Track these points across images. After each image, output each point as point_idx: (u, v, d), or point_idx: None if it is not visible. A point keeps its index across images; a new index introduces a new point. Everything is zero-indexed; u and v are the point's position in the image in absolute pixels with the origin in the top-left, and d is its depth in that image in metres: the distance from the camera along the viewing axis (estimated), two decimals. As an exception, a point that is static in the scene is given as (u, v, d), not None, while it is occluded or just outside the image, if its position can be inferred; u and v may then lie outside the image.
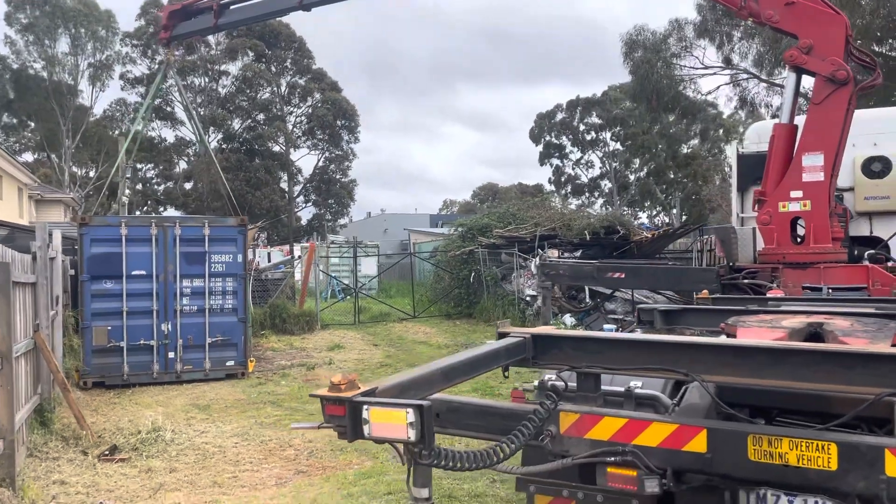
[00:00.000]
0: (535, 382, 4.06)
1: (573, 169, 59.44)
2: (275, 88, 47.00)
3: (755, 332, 4.14)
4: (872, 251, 8.51)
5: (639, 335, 3.71)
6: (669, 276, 9.08)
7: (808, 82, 8.28)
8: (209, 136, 48.91)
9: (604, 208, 55.83)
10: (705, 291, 7.47)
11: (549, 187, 61.95)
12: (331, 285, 26.65)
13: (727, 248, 8.38)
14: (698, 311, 5.76)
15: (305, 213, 49.90)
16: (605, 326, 15.45)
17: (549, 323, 8.38)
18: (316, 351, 15.16)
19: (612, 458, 3.26)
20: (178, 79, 20.29)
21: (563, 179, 60.49)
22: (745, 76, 20.32)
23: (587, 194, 58.86)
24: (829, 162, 7.77)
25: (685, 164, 51.58)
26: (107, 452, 7.40)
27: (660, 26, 21.06)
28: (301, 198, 49.98)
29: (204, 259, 12.01)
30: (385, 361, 13.60)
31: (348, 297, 26.03)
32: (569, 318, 15.83)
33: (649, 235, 17.66)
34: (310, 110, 47.54)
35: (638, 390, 3.76)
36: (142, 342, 11.58)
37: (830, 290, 7.33)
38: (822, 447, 2.86)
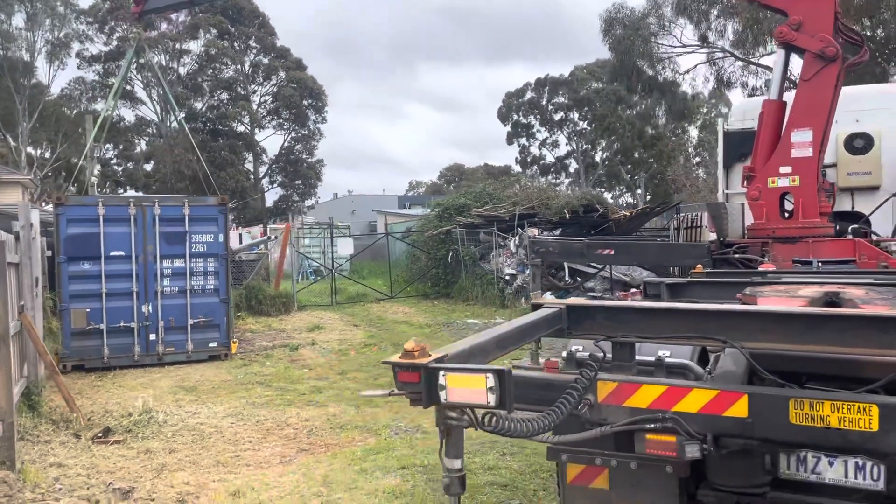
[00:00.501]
0: (564, 354, 4.08)
1: (540, 149, 59.68)
2: (238, 67, 46.07)
3: (775, 302, 4.21)
4: (855, 226, 8.69)
5: (675, 304, 3.74)
6: (659, 252, 9.18)
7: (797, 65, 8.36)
8: (172, 116, 47.92)
9: (570, 189, 56.30)
10: (699, 266, 7.57)
11: (516, 168, 62.20)
12: (303, 267, 26.42)
13: (718, 224, 8.49)
14: (703, 283, 5.83)
15: (272, 195, 49.33)
16: (585, 304, 15.60)
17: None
18: (296, 332, 15.04)
19: (652, 425, 3.30)
20: (152, 56, 19.74)
21: (528, 160, 60.72)
22: (720, 55, 20.59)
23: (554, 175, 59.18)
24: (817, 138, 7.89)
25: (651, 145, 52.17)
26: (100, 434, 7.26)
27: (638, 4, 21.19)
28: (266, 179, 49.30)
29: (184, 239, 11.79)
30: (368, 341, 13.56)
31: (320, 278, 25.87)
32: (549, 296, 15.93)
33: (627, 213, 17.85)
34: (275, 89, 46.75)
35: (668, 359, 3.81)
36: (122, 324, 11.35)
37: (820, 264, 7.48)
38: (864, 409, 2.92)
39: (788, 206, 8.24)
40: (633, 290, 17.38)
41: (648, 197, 48.93)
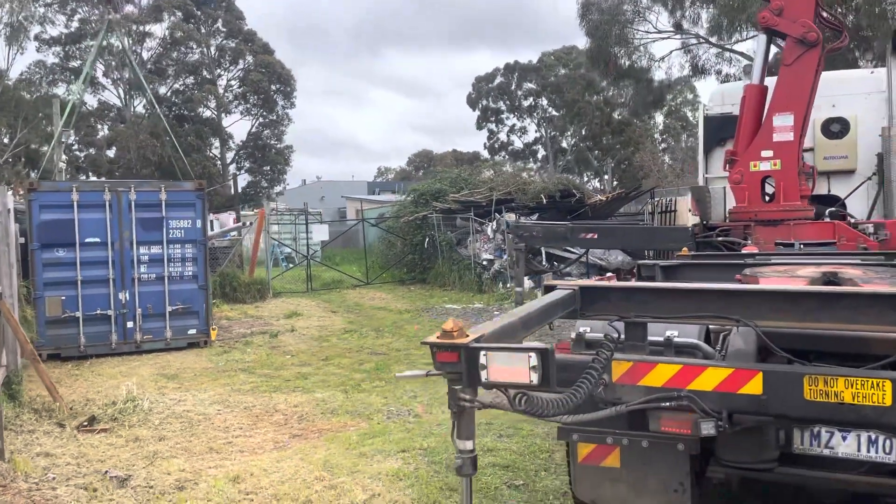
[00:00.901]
0: (573, 335, 4.11)
1: (509, 136, 59.79)
2: (204, 50, 45.28)
3: (777, 282, 4.28)
4: (833, 209, 8.87)
5: (688, 284, 3.78)
6: (642, 236, 9.28)
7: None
8: (135, 100, 46.94)
9: (538, 175, 56.47)
10: (685, 249, 7.67)
11: (485, 154, 62.26)
12: (274, 254, 26.17)
13: (702, 207, 8.60)
14: (695, 266, 5.91)
15: (240, 181, 48.67)
16: (562, 288, 15.73)
17: (522, 286, 8.48)
18: (273, 319, 14.91)
19: (668, 403, 3.34)
20: (122, 38, 19.22)
21: (497, 146, 60.84)
22: (694, 41, 20.81)
23: (522, 160, 59.35)
24: (798, 122, 8.03)
25: (619, 131, 52.64)
26: (85, 423, 7.13)
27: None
28: (234, 165, 48.66)
29: (161, 225, 11.59)
30: (349, 327, 13.51)
31: (292, 265, 25.66)
32: (526, 281, 16.02)
33: (603, 198, 17.99)
34: (242, 74, 46.06)
35: (677, 339, 3.85)
36: (98, 312, 11.14)
37: (802, 246, 7.62)
38: (878, 384, 3.00)
39: (769, 189, 8.39)
40: (608, 273, 17.65)
41: (615, 183, 49.33)
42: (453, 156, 72.84)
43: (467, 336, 2.51)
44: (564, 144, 58.12)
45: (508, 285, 16.38)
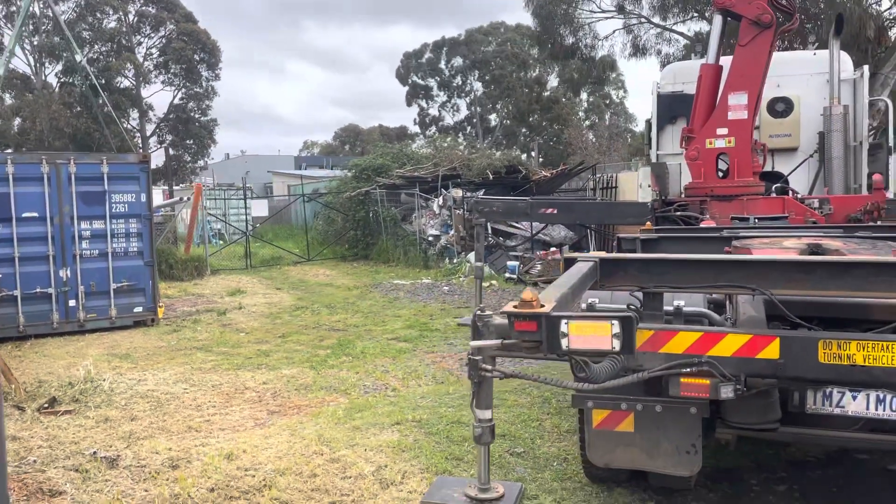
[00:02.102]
0: (583, 306, 4.22)
1: (439, 111, 59.70)
2: (122, 17, 43.13)
3: (769, 253, 4.51)
4: (779, 185, 9.33)
5: (704, 255, 3.93)
6: (601, 211, 9.52)
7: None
8: (46, 68, 44.40)
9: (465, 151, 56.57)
10: (649, 223, 7.93)
11: (414, 129, 62.01)
12: (204, 230, 25.43)
13: (661, 183, 8.89)
14: (673, 238, 6.13)
15: (160, 154, 46.83)
16: (509, 264, 15.99)
17: (481, 260, 8.58)
18: (216, 297, 14.56)
19: (688, 369, 3.50)
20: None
21: (427, 121, 60.69)
22: (636, 21, 21.21)
23: (453, 136, 59.44)
24: (752, 101, 8.38)
25: (548, 108, 53.34)
26: (46, 405, 6.83)
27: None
28: (155, 137, 46.77)
29: (104, 199, 11.10)
30: (299, 304, 13.33)
31: (221, 241, 25.02)
32: (472, 256, 16.18)
33: (547, 175, 18.27)
34: (163, 42, 44.14)
35: (686, 308, 4.02)
36: (38, 290, 10.62)
37: (757, 220, 7.99)
38: (888, 347, 3.23)
39: (723, 165, 8.73)
40: (552, 248, 17.85)
41: (541, 159, 50.02)
42: (380, 131, 72.22)
43: (544, 305, 2.56)
44: (494, 122, 58.47)
45: (455, 260, 16.49)
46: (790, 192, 9.08)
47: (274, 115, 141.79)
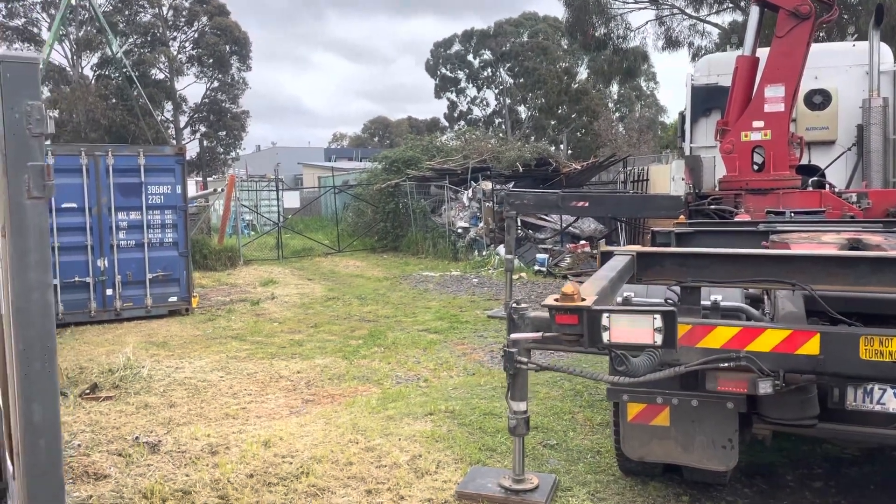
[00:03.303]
0: (619, 300, 4.22)
1: (469, 105, 59.54)
2: (157, 10, 43.68)
3: (807, 248, 4.47)
4: (815, 178, 9.19)
5: (742, 250, 3.92)
6: (633, 204, 9.46)
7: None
8: (83, 60, 45.15)
9: (495, 143, 56.24)
10: (682, 217, 7.87)
11: (443, 122, 61.94)
12: (237, 221, 25.75)
13: (695, 176, 8.80)
14: (708, 232, 6.09)
15: (194, 146, 47.42)
16: (538, 256, 15.94)
17: (512, 253, 8.59)
18: (250, 287, 14.76)
19: (726, 364, 3.49)
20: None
21: (456, 114, 60.57)
22: (668, 12, 20.94)
23: (481, 129, 59.29)
24: (789, 93, 8.25)
25: (577, 100, 52.89)
26: (88, 391, 7.02)
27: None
28: (188, 129, 47.37)
29: (140, 190, 11.31)
30: (330, 295, 13.46)
31: (252, 232, 25.30)
32: (502, 249, 16.17)
33: (578, 167, 18.18)
34: (196, 35, 44.65)
35: (723, 302, 4.00)
36: (76, 279, 10.88)
37: (793, 214, 7.88)
38: (931, 343, 3.19)
39: (758, 158, 8.63)
40: (581, 241, 17.71)
41: (570, 152, 49.69)
42: (409, 123, 72.34)
43: (585, 299, 2.58)
44: (522, 115, 58.18)
45: (484, 253, 16.50)
46: (827, 186, 8.94)
47: (302, 107, 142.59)
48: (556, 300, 2.61)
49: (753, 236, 5.53)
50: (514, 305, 3.68)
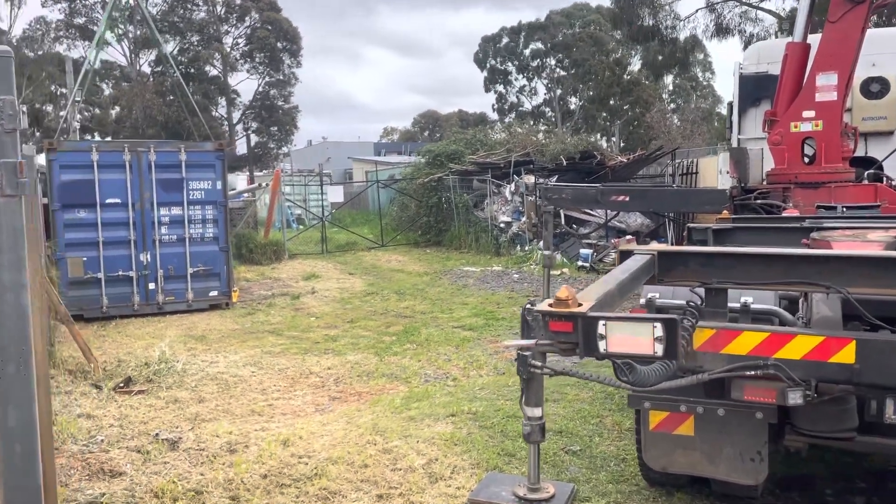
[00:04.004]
0: (642, 301, 4.00)
1: (517, 96, 59.04)
2: (210, 7, 44.51)
3: (850, 247, 4.16)
4: (872, 171, 8.71)
5: (771, 249, 3.66)
6: (675, 198, 9.12)
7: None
8: (140, 58, 46.32)
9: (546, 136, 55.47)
10: (726, 212, 7.53)
11: (492, 115, 61.56)
12: (283, 215, 26.07)
13: (740, 169, 8.44)
14: (748, 229, 5.78)
15: (244, 142, 48.17)
16: (582, 251, 15.61)
17: (550, 248, 8.36)
18: (292, 281, 14.86)
19: (752, 372, 3.24)
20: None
21: (506, 107, 60.11)
22: (719, 0, 20.29)
23: (532, 122, 58.72)
24: (842, 81, 7.83)
25: (628, 91, 51.88)
26: (121, 385, 7.10)
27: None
28: (241, 125, 48.18)
29: (182, 186, 11.45)
30: (369, 290, 13.44)
31: (301, 226, 25.54)
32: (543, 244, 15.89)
33: (624, 160, 17.76)
34: (248, 31, 45.34)
35: (754, 305, 3.75)
36: (120, 273, 11.09)
37: (845, 209, 7.46)
38: (980, 353, 2.90)
39: (809, 150, 8.21)
40: (627, 237, 17.34)
41: (622, 144, 48.85)
42: (459, 116, 72.13)
43: (580, 305, 2.40)
44: (573, 106, 57.38)
45: (527, 248, 16.26)
46: (884, 180, 8.47)
47: (352, 101, 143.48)
48: (551, 305, 2.43)
49: (797, 233, 5.20)
50: (528, 306, 3.50)
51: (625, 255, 3.61)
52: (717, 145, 31.09)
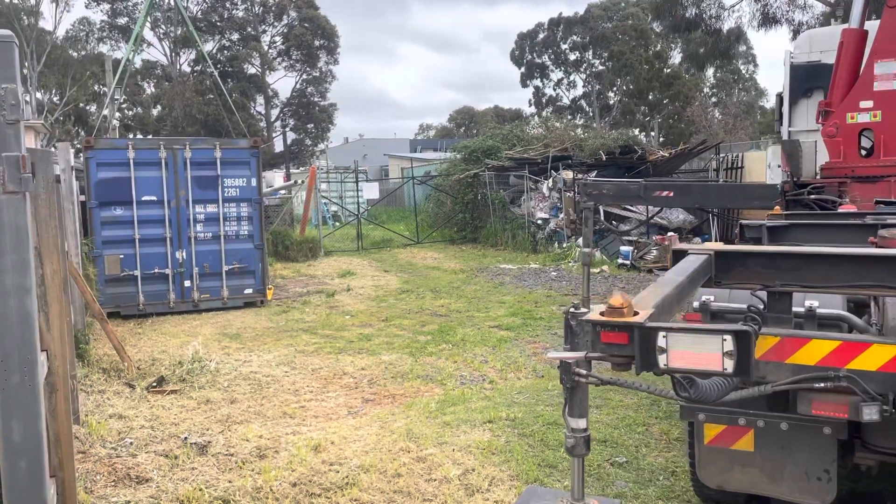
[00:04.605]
0: (696, 305, 3.71)
1: (555, 90, 58.36)
2: (248, 6, 44.80)
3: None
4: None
5: (842, 249, 3.34)
6: (723, 193, 8.75)
7: None
8: (181, 57, 46.85)
9: (584, 131, 54.65)
10: (778, 208, 7.16)
11: (529, 110, 60.97)
12: (320, 212, 26.09)
13: (793, 163, 8.04)
14: (805, 226, 5.42)
15: (281, 139, 48.49)
16: (622, 249, 15.21)
17: (590, 246, 8.03)
18: (327, 278, 14.76)
19: (822, 384, 2.95)
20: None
21: (544, 101, 59.47)
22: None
23: (570, 116, 57.99)
24: (904, 69, 7.40)
25: (668, 84, 50.88)
26: (154, 384, 7.01)
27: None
28: (279, 122, 48.42)
29: (217, 183, 11.40)
30: (404, 287, 13.26)
31: (337, 223, 25.52)
32: (580, 241, 15.55)
33: (666, 154, 17.29)
34: (286, 29, 45.51)
35: (820, 310, 3.44)
36: (156, 271, 11.09)
37: (907, 205, 7.01)
38: None
39: (866, 143, 7.80)
40: (669, 233, 16.81)
41: (661, 139, 47.94)
42: (495, 112, 71.67)
43: (637, 313, 2.14)
44: (611, 101, 56.53)
45: (564, 245, 15.92)
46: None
47: (388, 98, 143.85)
48: (602, 314, 2.18)
49: (859, 230, 4.84)
50: (572, 310, 3.25)
51: (678, 254, 3.33)
52: (761, 139, 30.24)
